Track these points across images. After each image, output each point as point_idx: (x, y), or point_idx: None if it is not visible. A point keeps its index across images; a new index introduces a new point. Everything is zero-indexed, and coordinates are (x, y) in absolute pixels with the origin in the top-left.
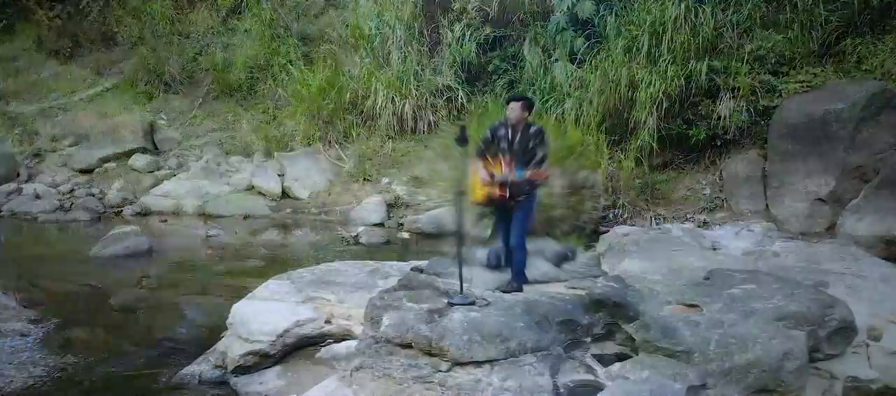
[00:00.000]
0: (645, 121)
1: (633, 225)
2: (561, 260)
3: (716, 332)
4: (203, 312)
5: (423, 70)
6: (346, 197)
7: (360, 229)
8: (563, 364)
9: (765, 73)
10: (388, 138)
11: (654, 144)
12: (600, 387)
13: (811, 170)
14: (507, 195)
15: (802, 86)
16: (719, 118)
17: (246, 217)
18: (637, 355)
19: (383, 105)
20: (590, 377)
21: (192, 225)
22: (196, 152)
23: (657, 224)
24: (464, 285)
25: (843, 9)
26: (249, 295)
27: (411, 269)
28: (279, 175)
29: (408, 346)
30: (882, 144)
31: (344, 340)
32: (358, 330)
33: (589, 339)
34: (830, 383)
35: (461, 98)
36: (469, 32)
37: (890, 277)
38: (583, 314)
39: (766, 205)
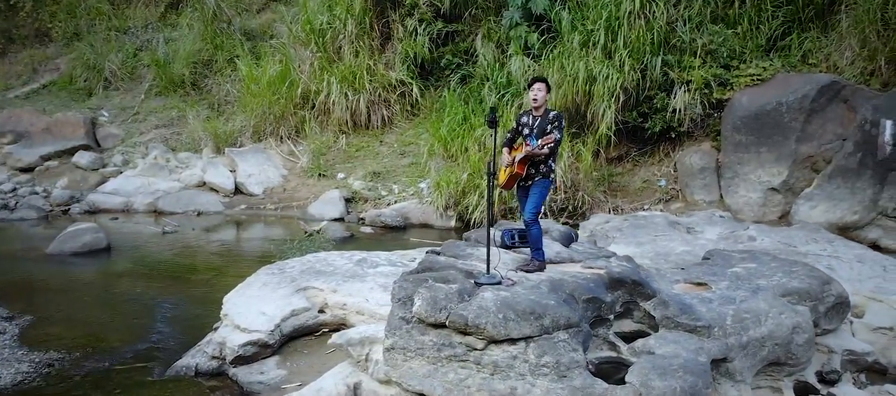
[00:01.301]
0: (603, 115)
1: (599, 215)
2: (568, 240)
3: (730, 308)
4: (179, 306)
5: (375, 65)
6: (302, 192)
7: (323, 224)
8: (590, 342)
9: (717, 67)
10: (342, 133)
11: (613, 136)
12: (625, 363)
13: (764, 160)
14: (523, 172)
15: (753, 80)
16: (674, 111)
17: (199, 213)
18: (656, 332)
19: (336, 100)
20: (613, 354)
21: (144, 222)
22: (141, 149)
23: (615, 215)
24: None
25: (787, 4)
26: (241, 285)
27: (428, 252)
28: (231, 171)
29: (440, 326)
30: (831, 135)
31: (339, 329)
32: (353, 318)
33: (612, 317)
34: (829, 357)
35: (415, 92)
36: (421, 27)
37: (864, 258)
38: (605, 292)
39: (721, 196)
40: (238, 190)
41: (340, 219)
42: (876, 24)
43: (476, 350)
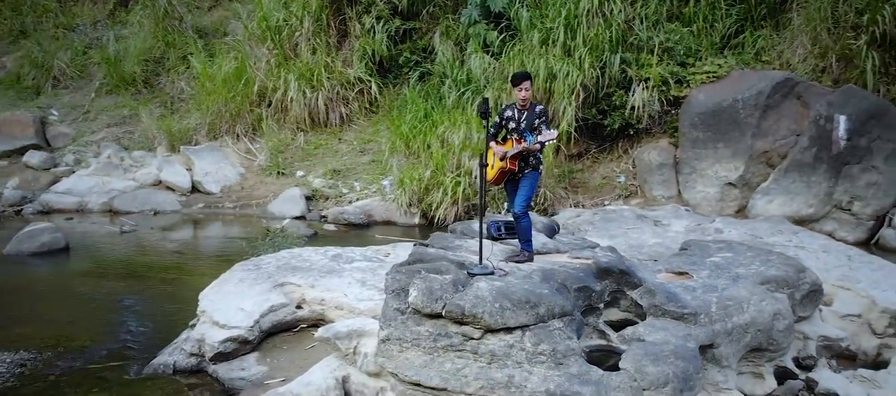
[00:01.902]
0: (563, 112)
1: (568, 209)
2: (551, 232)
3: (713, 296)
4: (147, 305)
5: (333, 62)
6: (261, 190)
7: (285, 222)
8: (582, 330)
9: (674, 65)
10: (300, 131)
11: (574, 133)
12: (615, 351)
13: (721, 156)
14: (516, 168)
15: (709, 77)
16: (633, 108)
17: (156, 213)
18: (643, 320)
19: (294, 97)
20: (603, 342)
21: (100, 221)
22: (93, 148)
23: (577, 210)
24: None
25: (741, 3)
26: (216, 282)
27: (416, 245)
28: (187, 169)
29: (436, 316)
30: (785, 130)
31: (318, 325)
32: (332, 313)
33: (602, 306)
34: (804, 343)
35: (374, 90)
36: (379, 25)
37: (829, 248)
38: (595, 281)
39: (679, 191)
40: (195, 188)
41: (302, 217)
42: (827, 22)
43: (473, 339)
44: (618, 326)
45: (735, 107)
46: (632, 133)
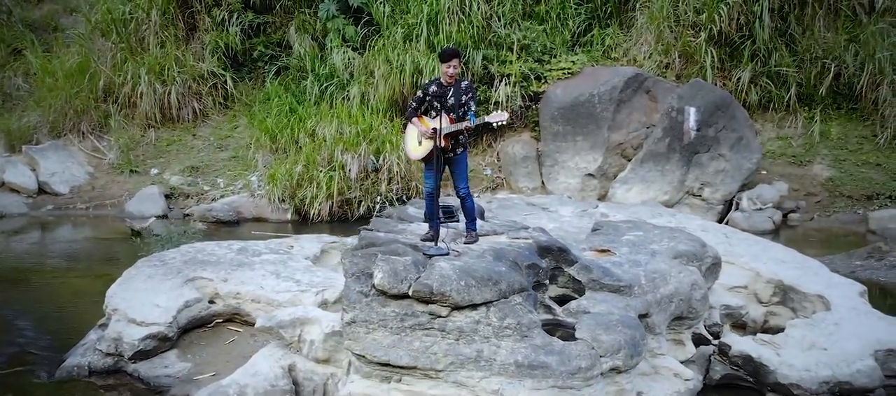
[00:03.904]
0: None
1: None
2: (481, 215)
3: (640, 270)
4: (30, 308)
5: (184, 55)
6: (114, 189)
7: (150, 221)
8: (536, 304)
9: (532, 62)
10: (150, 127)
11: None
12: (561, 324)
13: (580, 148)
14: (449, 146)
15: (564, 73)
16: (496, 103)
17: (2, 216)
18: (580, 295)
19: (144, 91)
20: (550, 316)
21: None
22: None
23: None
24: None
25: (588, 2)
26: (121, 278)
27: (363, 230)
28: (32, 170)
29: (402, 297)
30: (637, 123)
31: (233, 319)
32: (249, 307)
33: (547, 282)
34: (709, 312)
35: (229, 84)
36: (231, 18)
37: (707, 227)
38: (540, 259)
39: (542, 183)
40: (42, 189)
41: (164, 216)
42: (669, 21)
43: (440, 317)
44: (559, 301)
45: (591, 102)
46: (496, 127)
